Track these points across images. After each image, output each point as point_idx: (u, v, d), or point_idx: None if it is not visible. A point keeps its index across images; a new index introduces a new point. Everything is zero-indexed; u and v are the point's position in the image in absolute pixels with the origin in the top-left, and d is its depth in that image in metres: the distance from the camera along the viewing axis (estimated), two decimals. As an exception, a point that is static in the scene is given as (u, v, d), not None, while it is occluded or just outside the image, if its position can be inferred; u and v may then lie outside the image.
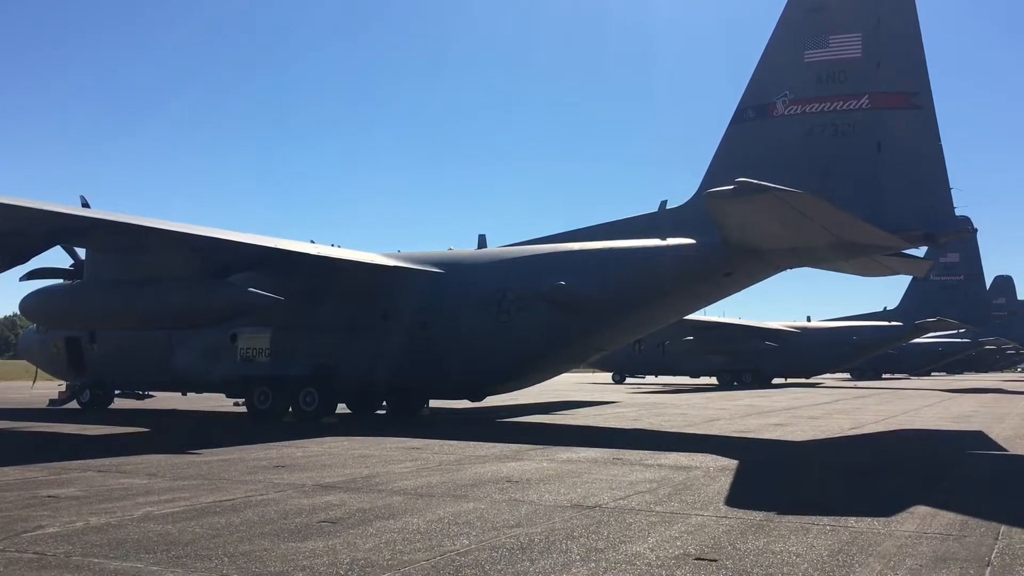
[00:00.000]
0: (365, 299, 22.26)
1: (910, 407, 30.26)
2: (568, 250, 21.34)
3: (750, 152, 19.71)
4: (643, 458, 13.87)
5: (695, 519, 8.58)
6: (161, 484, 10.80)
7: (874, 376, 75.45)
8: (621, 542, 7.48)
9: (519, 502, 9.54)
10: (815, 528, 8.11)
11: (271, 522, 8.29)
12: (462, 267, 22.30)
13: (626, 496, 10.01)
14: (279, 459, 13.52)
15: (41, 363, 28.19)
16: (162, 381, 25.38)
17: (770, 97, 19.77)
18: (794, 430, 19.97)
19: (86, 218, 18.10)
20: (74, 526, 8.05)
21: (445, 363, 21.68)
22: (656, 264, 20.07)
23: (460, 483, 10.98)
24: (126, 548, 7.13)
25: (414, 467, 12.61)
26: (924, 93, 18.43)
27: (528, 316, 20.79)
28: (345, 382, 22.39)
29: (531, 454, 14.38)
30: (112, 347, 24.52)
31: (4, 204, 16.37)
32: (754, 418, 23.98)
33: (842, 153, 18.88)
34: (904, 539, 7.65)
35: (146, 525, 8.12)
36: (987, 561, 6.85)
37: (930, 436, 19.40)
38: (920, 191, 18.13)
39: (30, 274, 22.13)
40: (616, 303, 20.40)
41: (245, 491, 10.22)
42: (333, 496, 9.89)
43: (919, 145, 18.35)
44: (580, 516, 8.70)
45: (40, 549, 7.09)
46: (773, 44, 19.87)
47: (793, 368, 58.79)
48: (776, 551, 7.13)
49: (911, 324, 56.37)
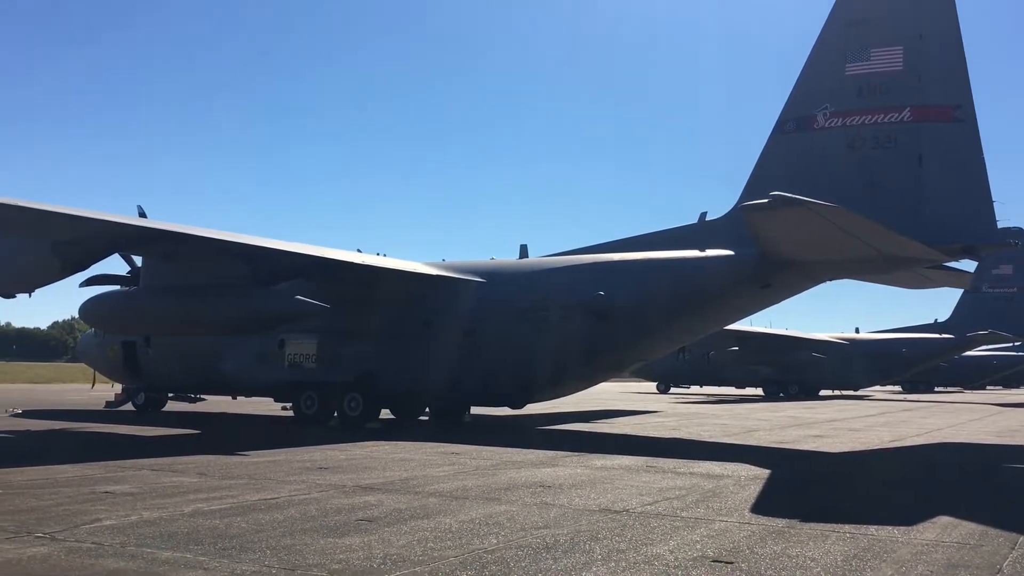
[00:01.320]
0: (408, 307, 22.77)
1: (956, 421, 29.94)
2: (608, 261, 21.65)
3: (791, 164, 19.84)
4: (676, 466, 14.11)
5: (718, 524, 8.85)
6: (210, 482, 11.34)
7: (926, 389, 74.17)
8: (643, 544, 7.79)
9: (549, 505, 9.88)
10: (834, 535, 8.33)
11: (312, 519, 8.74)
12: (503, 276, 22.71)
13: (654, 502, 10.30)
14: (322, 461, 14.02)
15: (98, 366, 29.16)
16: (213, 385, 26.12)
17: (811, 109, 19.89)
18: (832, 442, 20.00)
19: (142, 228, 18.88)
20: (128, 519, 8.58)
21: (486, 371, 22.08)
22: (694, 275, 20.29)
23: (494, 487, 11.35)
24: (176, 540, 7.63)
25: (451, 471, 13.01)
26: (966, 106, 18.43)
27: (568, 325, 21.12)
28: (389, 388, 22.90)
29: (566, 460, 14.70)
30: (166, 351, 25.34)
31: (66, 215, 17.19)
32: (794, 429, 24.00)
33: (883, 165, 18.93)
34: (921, 547, 7.85)
35: (195, 520, 8.62)
36: (998, 569, 7.03)
37: (969, 449, 19.31)
38: (961, 204, 18.13)
39: (89, 280, 23.02)
40: (654, 313, 20.65)
41: (289, 490, 10.70)
42: (372, 496, 10.33)
43: (961, 158, 18.34)
44: (606, 519, 9.02)
45: (97, 539, 7.61)
46: (814, 57, 19.99)
47: (840, 380, 58.14)
48: (792, 555, 7.39)
49: (963, 337, 55.44)
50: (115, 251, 21.13)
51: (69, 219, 17.48)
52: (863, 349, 57.06)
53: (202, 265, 20.55)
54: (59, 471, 12.31)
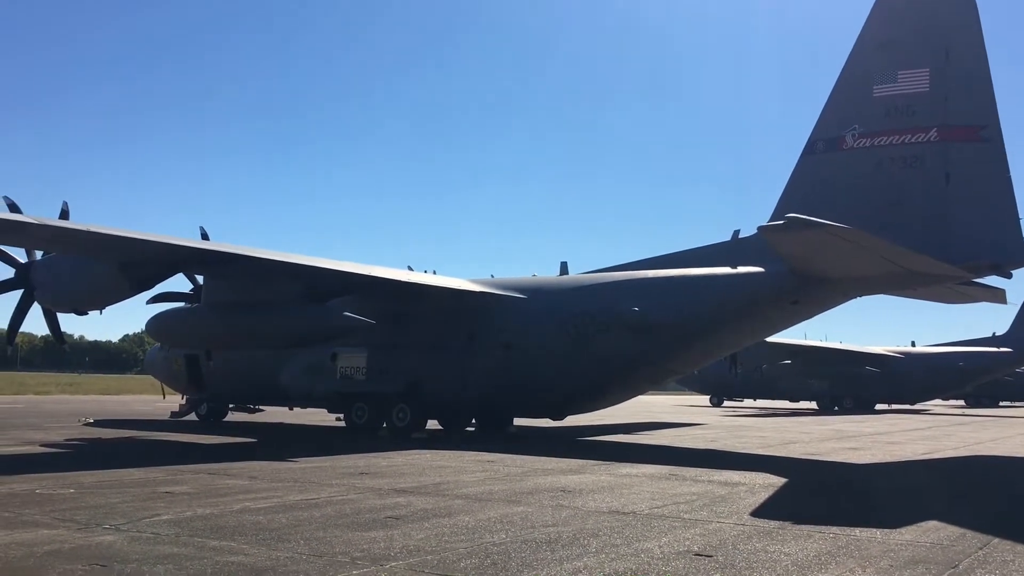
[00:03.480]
0: (453, 322, 23.81)
1: (1002, 435, 29.91)
2: (643, 277, 22.45)
3: (820, 184, 20.41)
4: (698, 475, 14.82)
5: (714, 525, 9.62)
6: (260, 485, 12.44)
7: (990, 403, 73.02)
8: (636, 540, 8.61)
9: (563, 507, 10.74)
10: (818, 535, 9.04)
11: (344, 516, 9.74)
12: (544, 292, 23.64)
13: (663, 505, 11.08)
14: (365, 467, 15.05)
15: (164, 378, 30.78)
16: (270, 396, 27.48)
17: (840, 130, 20.44)
18: (865, 454, 20.44)
19: (203, 250, 20.28)
20: (184, 515, 9.68)
21: (527, 383, 22.99)
22: (725, 292, 20.98)
23: (518, 491, 12.24)
24: (223, 532, 8.68)
25: (483, 477, 13.93)
26: (993, 126, 18.82)
27: (605, 339, 21.95)
28: (435, 400, 23.95)
29: (594, 468, 15.51)
30: (226, 365, 26.76)
31: (134, 239, 18.62)
32: (833, 442, 24.39)
33: (911, 185, 19.40)
34: (893, 546, 8.53)
35: (242, 516, 9.68)
36: (955, 565, 7.70)
37: (999, 462, 19.60)
38: (988, 222, 18.50)
39: (155, 298, 24.57)
40: (687, 328, 21.38)
41: (329, 492, 11.74)
42: (402, 498, 11.30)
43: (987, 177, 18.73)
44: (612, 520, 9.85)
45: (155, 531, 8.70)
46: (843, 79, 20.55)
47: (896, 394, 57.68)
48: (769, 551, 8.15)
49: (1021, 350, 54.69)
50: (179, 271, 22.56)
51: (136, 242, 18.91)
52: (919, 363, 56.59)
53: (258, 283, 21.86)
54: (125, 474, 13.54)
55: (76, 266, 21.11)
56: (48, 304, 22.58)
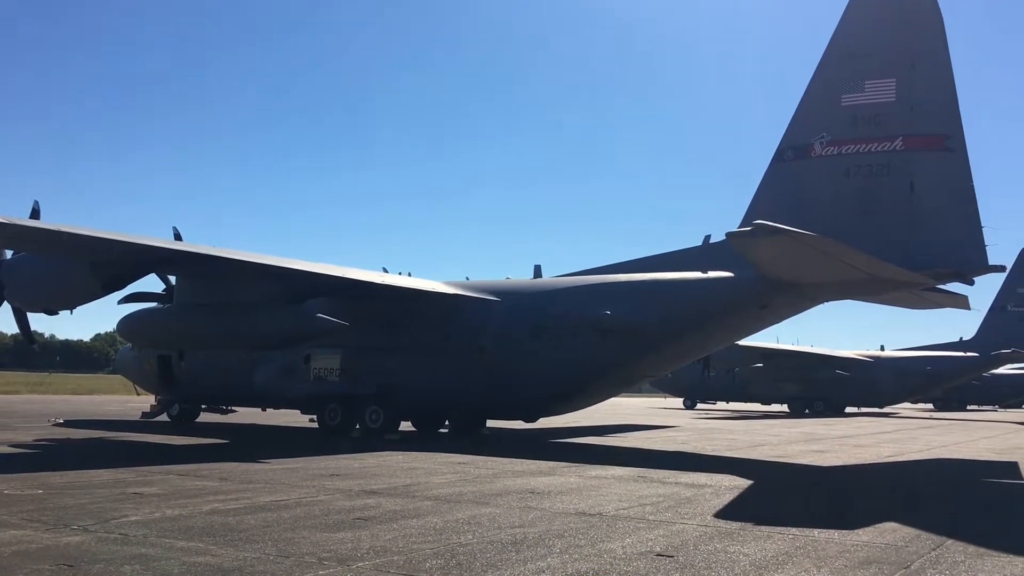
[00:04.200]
0: (427, 324, 23.92)
1: (966, 438, 30.42)
2: (616, 281, 22.69)
3: (790, 191, 20.69)
4: (665, 477, 15.04)
5: (677, 526, 9.81)
6: (230, 486, 12.50)
7: (958, 407, 73.98)
8: (600, 541, 8.78)
9: (531, 509, 10.90)
10: (778, 536, 9.26)
11: (314, 518, 9.84)
12: (517, 295, 23.80)
13: (629, 507, 11.27)
14: (336, 469, 15.13)
15: (135, 379, 30.63)
16: (243, 397, 27.45)
17: (809, 138, 20.74)
18: (831, 456, 20.77)
19: (175, 251, 20.25)
20: (152, 516, 9.75)
21: (500, 385, 23.13)
22: (695, 296, 21.25)
23: (487, 493, 12.38)
24: (192, 533, 8.76)
25: (453, 478, 14.06)
26: (957, 136, 19.17)
27: (576, 343, 22.15)
28: (408, 401, 24.05)
29: (564, 470, 15.68)
30: (199, 365, 26.73)
31: (106, 239, 18.58)
32: (801, 444, 24.73)
33: (877, 193, 19.72)
34: (849, 547, 8.76)
35: (211, 517, 9.76)
36: (907, 565, 7.94)
37: (960, 465, 19.98)
38: (951, 230, 18.85)
39: (127, 298, 24.46)
40: (657, 332, 21.63)
41: (299, 494, 11.83)
42: (372, 500, 11.42)
43: (951, 186, 19.06)
44: (578, 521, 10.02)
45: (124, 531, 8.77)
46: (812, 88, 20.86)
47: (865, 397, 58.36)
48: (729, 552, 8.35)
49: (987, 355, 55.55)
50: (151, 271, 22.50)
51: (108, 242, 18.86)
52: (887, 366, 57.31)
53: (232, 284, 21.87)
54: (94, 475, 13.55)
55: (47, 266, 21.01)
56: (18, 304, 22.47)
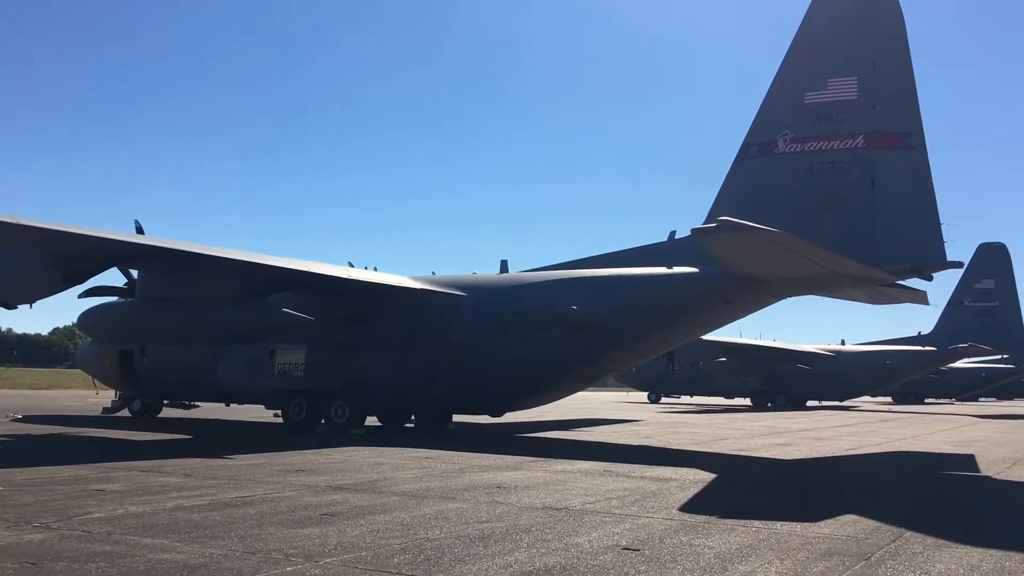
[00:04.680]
0: (393, 319, 23.84)
1: (925, 431, 30.97)
2: (582, 276, 22.78)
3: (753, 187, 20.92)
4: (631, 471, 15.16)
5: (643, 520, 9.91)
6: (193, 482, 12.40)
7: (916, 400, 75.30)
8: (567, 535, 8.85)
9: (499, 504, 10.94)
10: (741, 529, 9.39)
11: (280, 514, 9.80)
12: (484, 291, 23.81)
13: (595, 501, 11.35)
14: (302, 464, 15.06)
15: (96, 374, 30.21)
16: (206, 392, 27.19)
17: (772, 135, 20.97)
18: (792, 450, 21.05)
19: (138, 244, 19.98)
20: (116, 513, 9.65)
21: (466, 380, 23.14)
22: (660, 291, 21.42)
23: (454, 488, 12.40)
24: (156, 529, 8.69)
25: (420, 473, 14.06)
26: (917, 134, 19.50)
27: (543, 338, 22.22)
28: (374, 396, 23.96)
29: (530, 465, 15.74)
30: (161, 360, 26.40)
31: (66, 232, 18.30)
32: (763, 438, 25.03)
33: (839, 189, 20.00)
34: (811, 539, 8.91)
35: (175, 513, 9.68)
36: (868, 556, 8.09)
37: (918, 458, 20.38)
38: (910, 227, 19.18)
39: (88, 292, 24.05)
40: (623, 327, 21.76)
41: (264, 490, 11.77)
42: (339, 495, 11.39)
43: (911, 183, 19.39)
44: (545, 515, 10.07)
45: (87, 528, 8.68)
46: (776, 85, 21.09)
47: (826, 391, 59.23)
48: (695, 545, 8.45)
49: (944, 349, 56.59)
50: (112, 265, 22.21)
51: (69, 236, 18.59)
52: (848, 361, 58.19)
53: (195, 279, 21.60)
54: (55, 471, 13.37)
55: (5, 259, 20.63)
56: (-25, 297, 22.03)
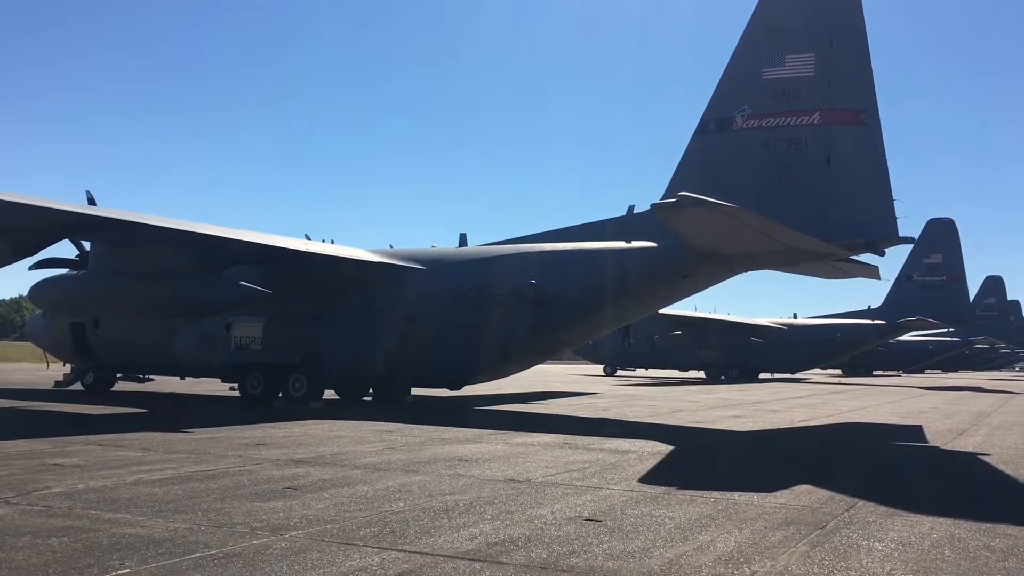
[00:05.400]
0: (351, 292, 23.74)
1: (873, 402, 31.72)
2: (540, 250, 22.86)
3: (711, 162, 21.11)
4: (590, 443, 15.34)
5: (604, 491, 10.07)
6: (153, 456, 12.32)
7: (865, 373, 77.02)
8: (530, 507, 8.96)
9: (461, 476, 11.03)
10: (701, 499, 9.59)
11: (243, 487, 9.79)
12: (442, 264, 23.80)
13: (556, 473, 11.49)
14: (262, 438, 15.01)
15: (47, 346, 29.71)
16: (161, 366, 26.86)
17: (730, 111, 21.14)
18: (747, 421, 21.44)
19: (90, 216, 19.61)
20: (76, 487, 9.56)
21: (424, 354, 23.17)
22: (619, 265, 21.58)
23: (416, 460, 12.46)
24: (118, 504, 8.64)
25: (381, 447, 14.09)
26: (871, 111, 19.79)
27: (502, 311, 22.30)
28: (332, 370, 23.88)
29: (490, 438, 15.85)
30: (114, 333, 26.03)
31: (15, 203, 17.89)
32: (718, 410, 25.44)
33: (795, 165, 20.25)
34: (768, 509, 9.13)
35: (137, 488, 9.63)
36: (823, 525, 8.33)
37: (869, 429, 20.90)
38: (864, 203, 19.51)
39: (38, 264, 23.63)
40: (582, 300, 21.93)
41: (226, 463, 11.73)
42: (301, 469, 11.39)
43: (865, 160, 19.71)
44: (507, 488, 10.18)
45: (47, 503, 8.60)
46: (734, 61, 21.24)
47: (779, 363, 60.28)
48: (655, 516, 8.62)
49: (892, 322, 57.83)
50: (64, 237, 21.81)
51: (18, 207, 18.17)
52: (800, 334, 59.24)
53: (149, 251, 21.29)
54: (9, 445, 13.17)
55: (-48, 231, 20.17)
56: (-79, 269, 21.52)
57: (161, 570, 6.18)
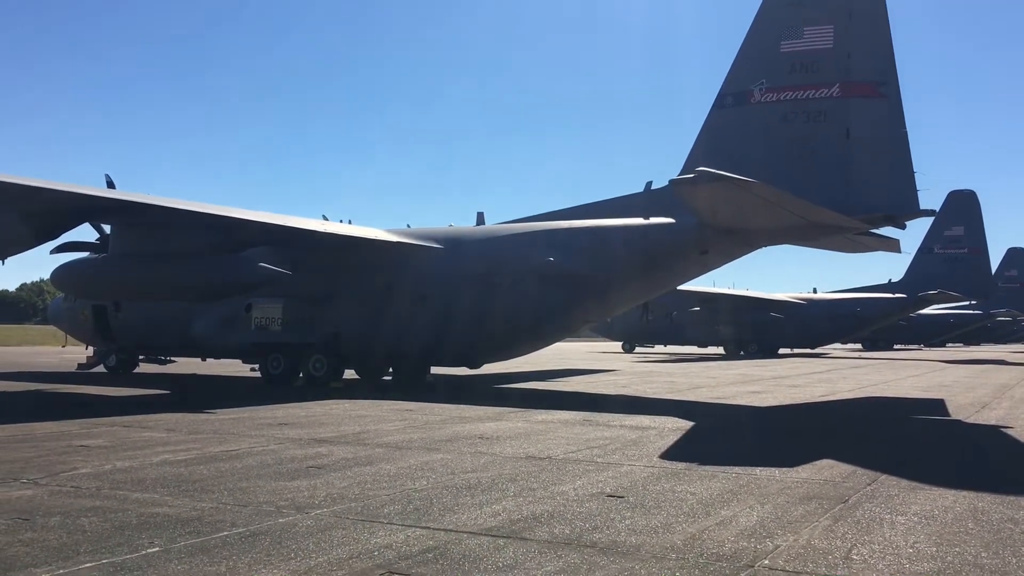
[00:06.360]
0: (370, 272, 23.79)
1: (895, 376, 31.56)
2: (558, 228, 22.82)
3: (729, 136, 20.95)
4: (610, 420, 15.37)
5: (625, 468, 10.10)
6: (178, 437, 12.45)
7: (885, 347, 76.60)
8: (552, 484, 9.01)
9: (482, 454, 11.09)
10: (723, 475, 9.60)
11: (267, 467, 9.89)
12: (460, 243, 23.80)
13: (577, 450, 11.54)
14: (284, 418, 15.14)
15: (70, 329, 30.01)
16: (183, 347, 27.08)
17: (748, 85, 20.96)
18: (768, 397, 21.41)
19: (112, 199, 19.74)
20: (103, 468, 9.69)
21: (443, 333, 23.22)
22: (637, 242, 21.51)
23: (437, 439, 12.54)
24: (145, 484, 8.75)
25: (402, 426, 14.18)
26: (891, 83, 19.57)
27: (520, 290, 22.30)
28: (352, 350, 24.02)
29: (510, 416, 15.91)
30: (136, 315, 26.26)
31: (37, 187, 18.02)
32: (738, 386, 25.41)
33: (814, 139, 20.07)
34: (790, 484, 9.13)
35: (163, 468, 9.74)
36: (846, 499, 8.32)
37: (890, 403, 20.81)
38: (884, 176, 19.34)
39: (60, 247, 23.81)
40: (600, 278, 21.88)
41: (249, 443, 11.84)
42: (323, 448, 11.49)
43: (885, 132, 19.50)
44: (529, 465, 10.24)
45: (76, 484, 8.72)
46: (752, 34, 21.03)
47: (798, 339, 60.05)
48: (677, 491, 8.64)
49: (914, 296, 57.40)
50: (85, 220, 21.93)
51: (40, 191, 18.30)
52: (819, 309, 58.95)
53: (169, 234, 21.41)
54: (37, 427, 13.35)
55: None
56: (-54, 254, 21.68)
57: (190, 548, 6.27)
